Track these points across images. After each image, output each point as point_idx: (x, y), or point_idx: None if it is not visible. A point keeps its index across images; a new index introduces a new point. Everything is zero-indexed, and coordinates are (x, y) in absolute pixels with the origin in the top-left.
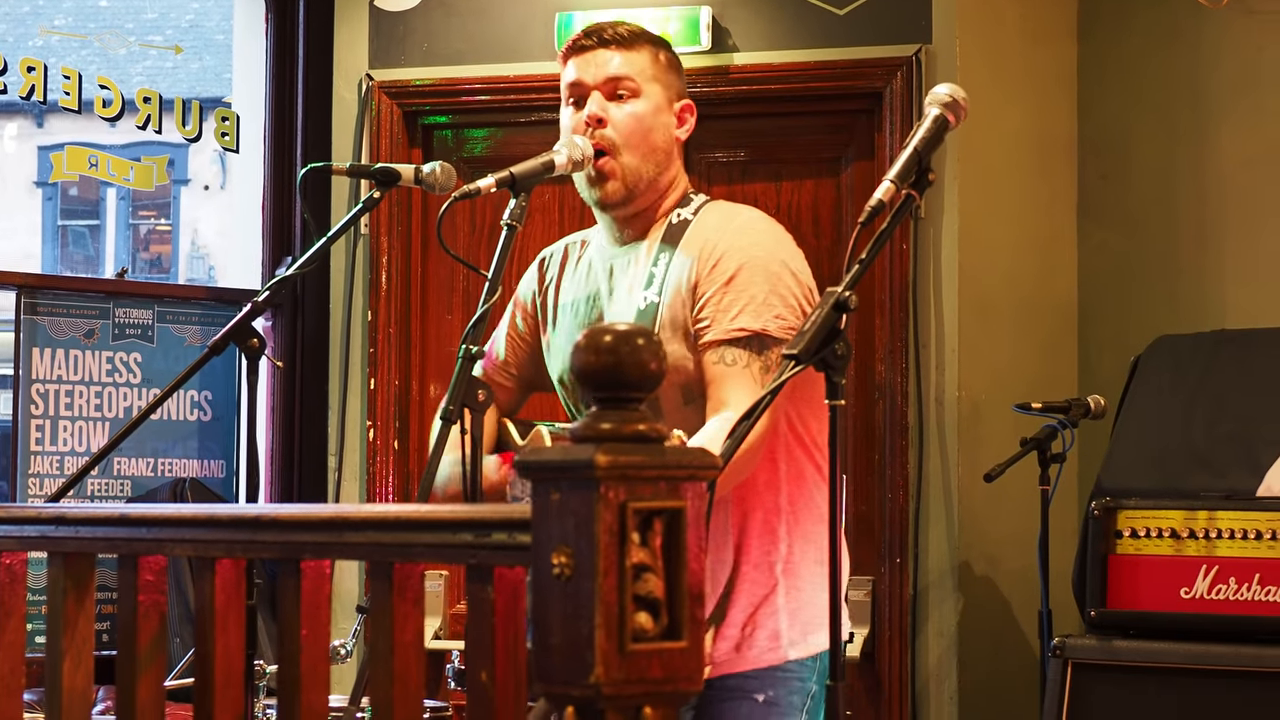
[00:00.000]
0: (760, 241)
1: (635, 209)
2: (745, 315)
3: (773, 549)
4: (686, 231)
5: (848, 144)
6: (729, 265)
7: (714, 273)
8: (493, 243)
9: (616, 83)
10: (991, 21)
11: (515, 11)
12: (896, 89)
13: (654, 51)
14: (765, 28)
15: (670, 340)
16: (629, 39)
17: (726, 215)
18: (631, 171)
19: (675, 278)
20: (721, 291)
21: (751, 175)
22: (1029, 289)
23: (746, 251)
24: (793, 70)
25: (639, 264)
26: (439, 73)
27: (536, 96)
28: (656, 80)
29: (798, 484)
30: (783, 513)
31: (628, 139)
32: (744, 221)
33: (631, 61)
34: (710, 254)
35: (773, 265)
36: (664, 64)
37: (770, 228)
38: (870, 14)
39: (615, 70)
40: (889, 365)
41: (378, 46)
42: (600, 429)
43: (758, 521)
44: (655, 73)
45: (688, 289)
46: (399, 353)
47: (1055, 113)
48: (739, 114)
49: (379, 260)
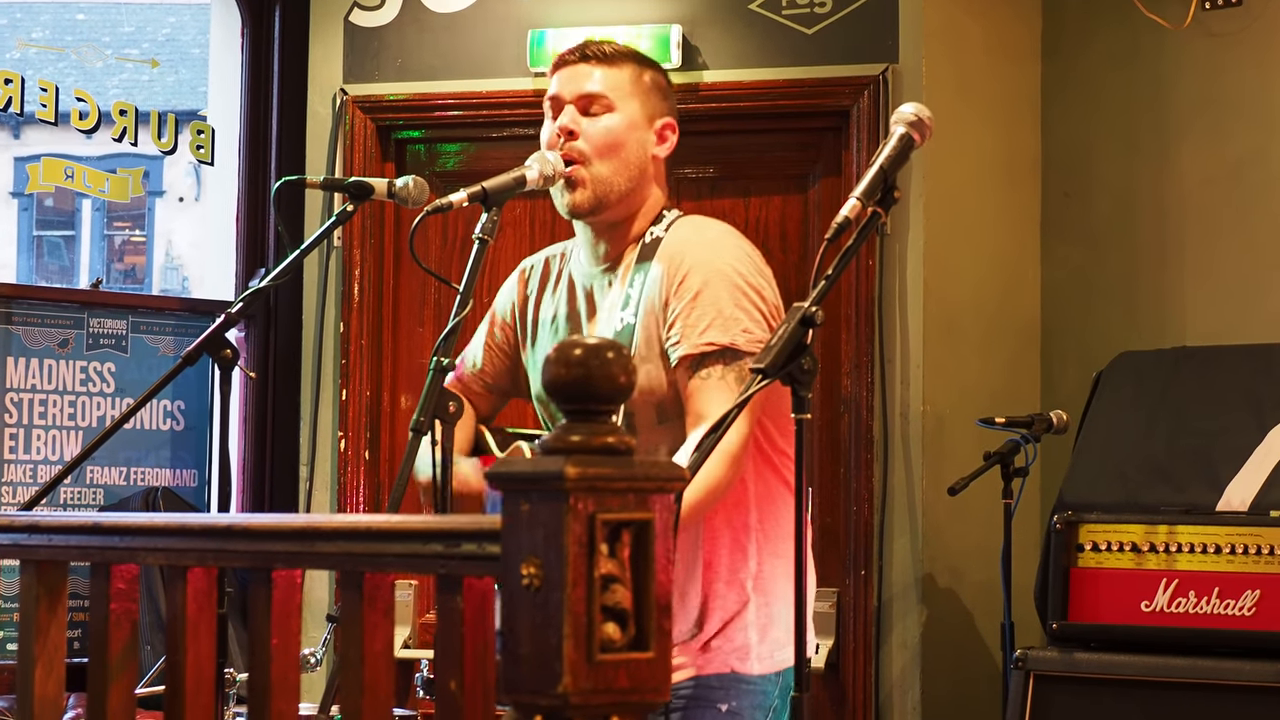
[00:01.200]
0: (725, 256)
1: (606, 220)
2: (713, 329)
3: (742, 566)
4: (658, 249)
5: (815, 161)
6: (695, 280)
7: (681, 289)
8: (464, 256)
9: (591, 99)
10: (957, 41)
11: (487, 28)
12: (864, 107)
13: (637, 70)
14: (735, 46)
15: (645, 360)
16: (612, 56)
17: (694, 230)
18: (601, 181)
19: (648, 297)
20: (689, 307)
21: (720, 191)
22: (993, 305)
23: (712, 266)
24: (761, 88)
25: (616, 285)
26: (412, 88)
27: (508, 112)
28: (634, 97)
29: (767, 502)
30: (752, 531)
31: (597, 150)
32: (711, 236)
33: (609, 78)
34: (677, 270)
35: (738, 279)
36: (646, 83)
37: (737, 243)
38: (838, 34)
39: (590, 87)
40: (855, 379)
41: (352, 61)
42: (569, 441)
43: (728, 539)
44: (634, 90)
45: (659, 306)
46: (370, 364)
47: (1019, 131)
48: (708, 131)
49: (351, 272)
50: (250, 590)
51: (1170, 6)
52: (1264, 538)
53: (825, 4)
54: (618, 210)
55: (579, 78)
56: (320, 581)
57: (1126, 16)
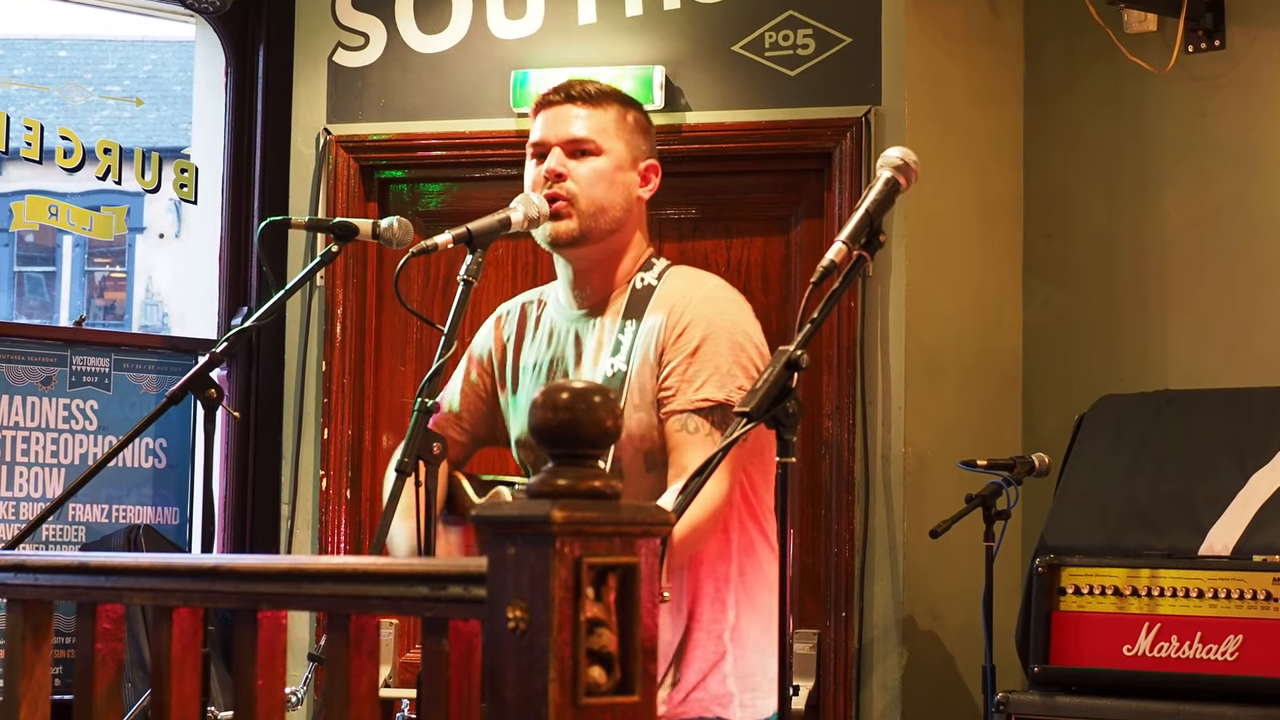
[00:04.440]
0: (725, 311)
1: (591, 255)
2: (709, 386)
3: (721, 617)
4: (652, 298)
5: (798, 202)
6: (694, 335)
7: (679, 342)
8: (447, 297)
9: (578, 143)
10: (940, 84)
11: (471, 69)
12: (846, 149)
13: (622, 111)
14: (718, 88)
15: (638, 408)
16: (596, 97)
17: (692, 282)
18: (588, 215)
19: (643, 346)
20: (687, 361)
21: (702, 232)
22: (975, 347)
23: (711, 321)
24: (744, 129)
25: (605, 330)
26: (396, 128)
27: (491, 152)
28: (620, 138)
29: (749, 554)
30: (733, 582)
31: (585, 190)
32: (709, 290)
33: (595, 120)
34: (676, 323)
35: (737, 336)
36: (631, 124)
37: (734, 298)
38: (821, 76)
39: (578, 131)
40: (836, 421)
41: (336, 101)
42: (556, 485)
43: (709, 590)
44: (619, 131)
45: (655, 357)
46: (352, 403)
47: (1002, 173)
48: (691, 172)
49: (334, 312)
50: (235, 631)
51: (1153, 50)
52: (1247, 582)
53: (808, 46)
54: (603, 246)
55: (565, 120)
56: (301, 619)
57: (1109, 60)
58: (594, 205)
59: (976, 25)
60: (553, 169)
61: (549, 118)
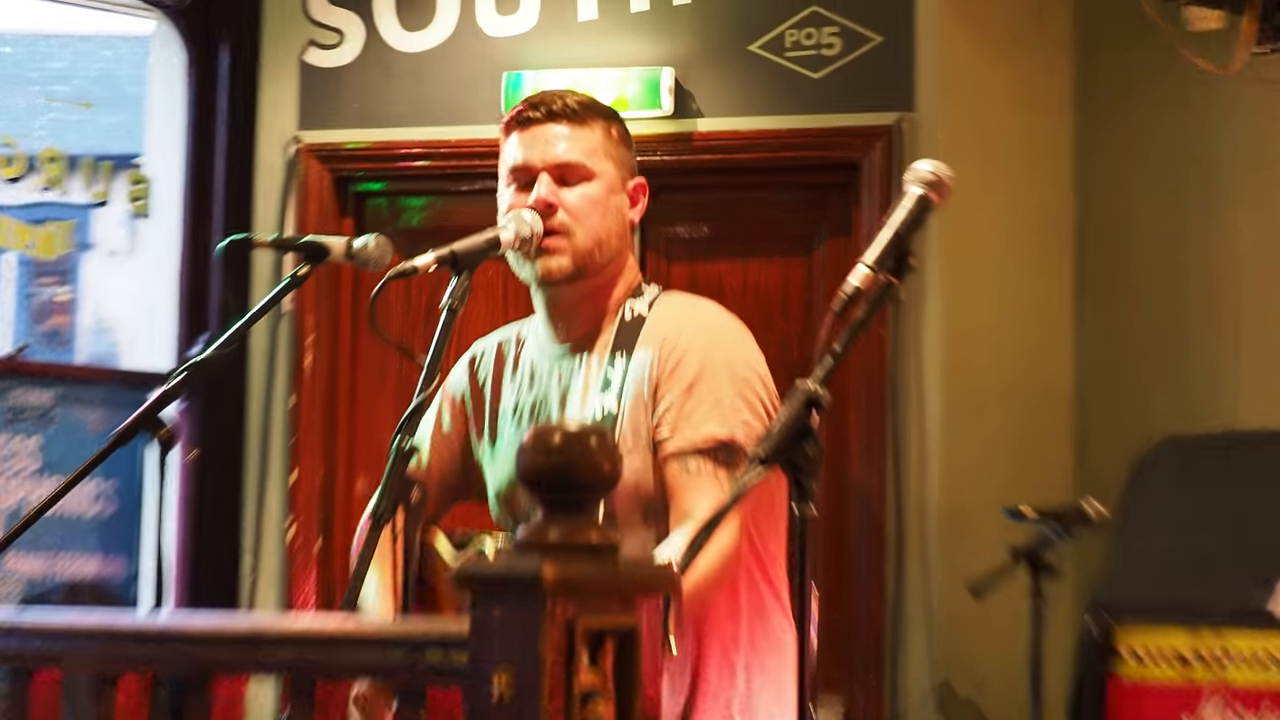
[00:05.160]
0: (723, 340)
1: (581, 291)
2: (711, 422)
3: (730, 684)
4: (643, 329)
5: (821, 219)
6: (690, 368)
7: (675, 375)
8: (429, 324)
9: (567, 168)
10: (979, 88)
11: (458, 70)
12: (875, 160)
13: (606, 126)
14: (732, 92)
15: (632, 451)
16: (580, 113)
17: (685, 310)
18: (583, 251)
19: (634, 382)
20: (684, 397)
21: (715, 252)
22: (1020, 381)
23: (709, 352)
24: (762, 138)
25: (592, 367)
26: (374, 135)
27: (480, 163)
28: (609, 158)
29: (758, 615)
30: (741, 645)
31: (580, 220)
32: (705, 318)
33: (583, 141)
34: (670, 354)
35: (738, 367)
36: (616, 139)
37: (732, 325)
38: (848, 79)
39: (566, 155)
40: (864, 465)
41: (307, 105)
42: (547, 537)
43: (715, 654)
44: (608, 149)
45: (648, 393)
46: (324, 443)
47: (1049, 187)
48: (702, 185)
49: (303, 341)
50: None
51: (1218, 50)
52: None
53: (833, 46)
54: (596, 280)
55: (550, 141)
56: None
57: (1169, 62)
58: (591, 237)
59: (1020, 24)
60: (544, 199)
61: (529, 139)
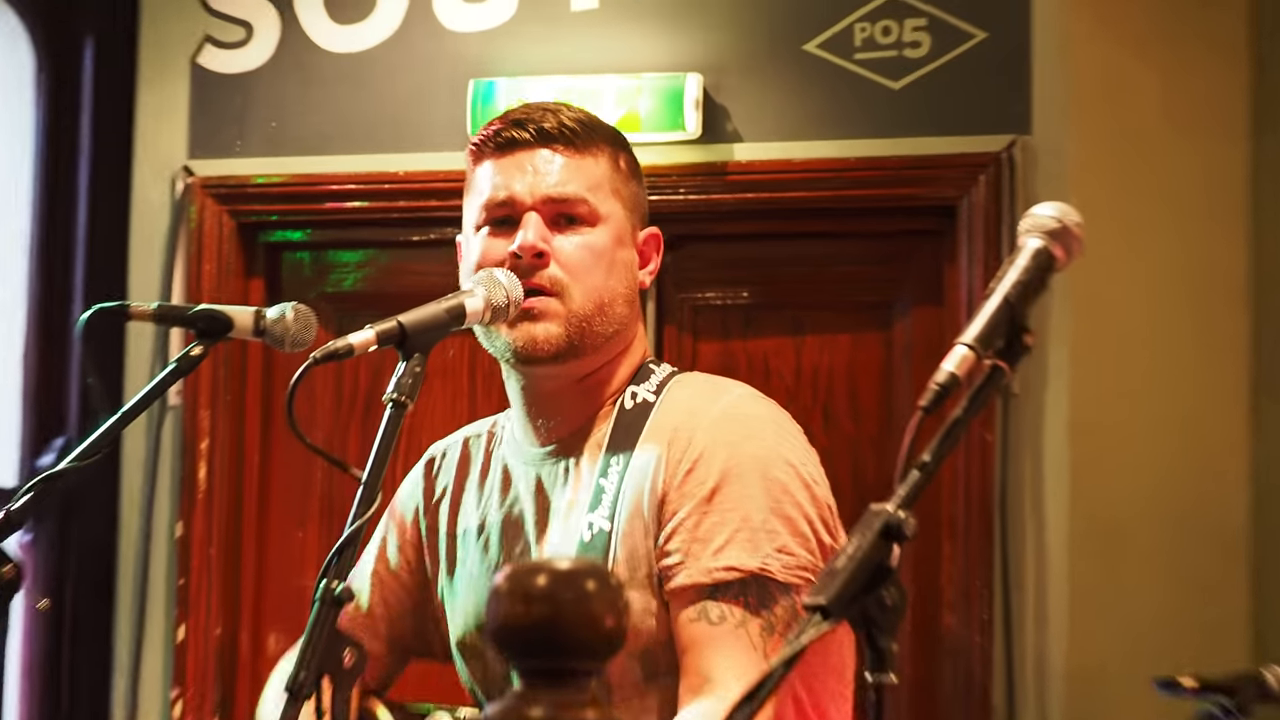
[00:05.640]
0: (755, 433)
1: (572, 375)
2: (735, 548)
3: None
4: (648, 420)
5: (903, 282)
6: (710, 472)
7: (688, 483)
8: (370, 424)
9: (565, 205)
10: (1122, 103)
11: (408, 77)
12: (977, 201)
13: (614, 155)
14: (781, 106)
15: (628, 586)
16: (581, 134)
17: (704, 394)
18: (579, 317)
19: (633, 492)
20: (700, 512)
21: (759, 326)
22: (1178, 504)
23: (735, 450)
24: (822, 171)
25: (582, 474)
26: (293, 166)
27: (438, 204)
28: (618, 197)
29: None
30: None
31: (578, 277)
32: (729, 405)
33: (585, 171)
34: (682, 455)
35: (774, 470)
36: (625, 174)
37: (768, 412)
38: (940, 90)
39: (563, 187)
40: (962, 616)
41: (202, 124)
42: (529, 718)
43: None
44: (616, 186)
45: (651, 508)
46: (223, 587)
47: (1216, 237)
48: (742, 234)
49: (196, 446)
50: None
51: None
52: None
53: (920, 45)
54: (592, 359)
55: (540, 170)
56: None
57: None
58: (590, 300)
59: (1176, 19)
60: (532, 244)
61: (510, 166)
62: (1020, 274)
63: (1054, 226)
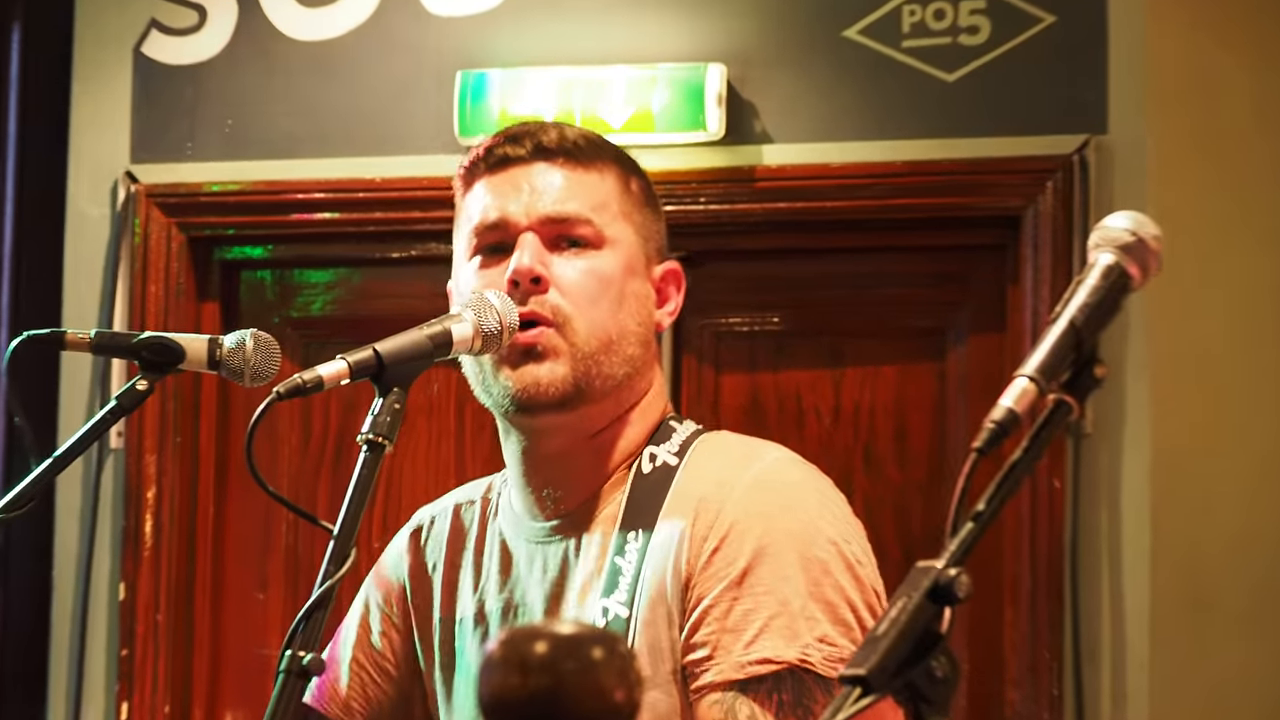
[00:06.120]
0: (792, 506)
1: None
2: (770, 638)
3: None
4: (670, 488)
5: (958, 305)
6: (741, 551)
7: (716, 563)
8: (342, 469)
9: (566, 225)
10: (1207, 103)
11: (386, 69)
12: (1045, 211)
13: (623, 177)
14: (817, 103)
15: (650, 683)
16: (585, 149)
17: (733, 461)
18: (585, 354)
19: (655, 574)
20: (730, 598)
21: (791, 356)
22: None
23: (769, 526)
24: (864, 177)
25: (593, 553)
26: (253, 171)
27: (421, 215)
28: (628, 221)
29: None
30: None
31: (582, 306)
32: (763, 472)
33: (589, 189)
34: (709, 530)
35: (816, 548)
36: (638, 198)
37: (809, 480)
38: (1001, 83)
39: (562, 205)
40: (1028, 692)
41: (147, 124)
42: None
43: None
44: (626, 208)
45: (674, 592)
46: (173, 659)
47: None
48: (770, 250)
49: (142, 496)
50: None
51: None
52: None
53: (978, 30)
54: (600, 407)
55: (538, 187)
56: None
57: None
58: (596, 334)
59: (1269, 5)
60: (527, 268)
61: (504, 183)
62: (1089, 295)
63: (1128, 240)
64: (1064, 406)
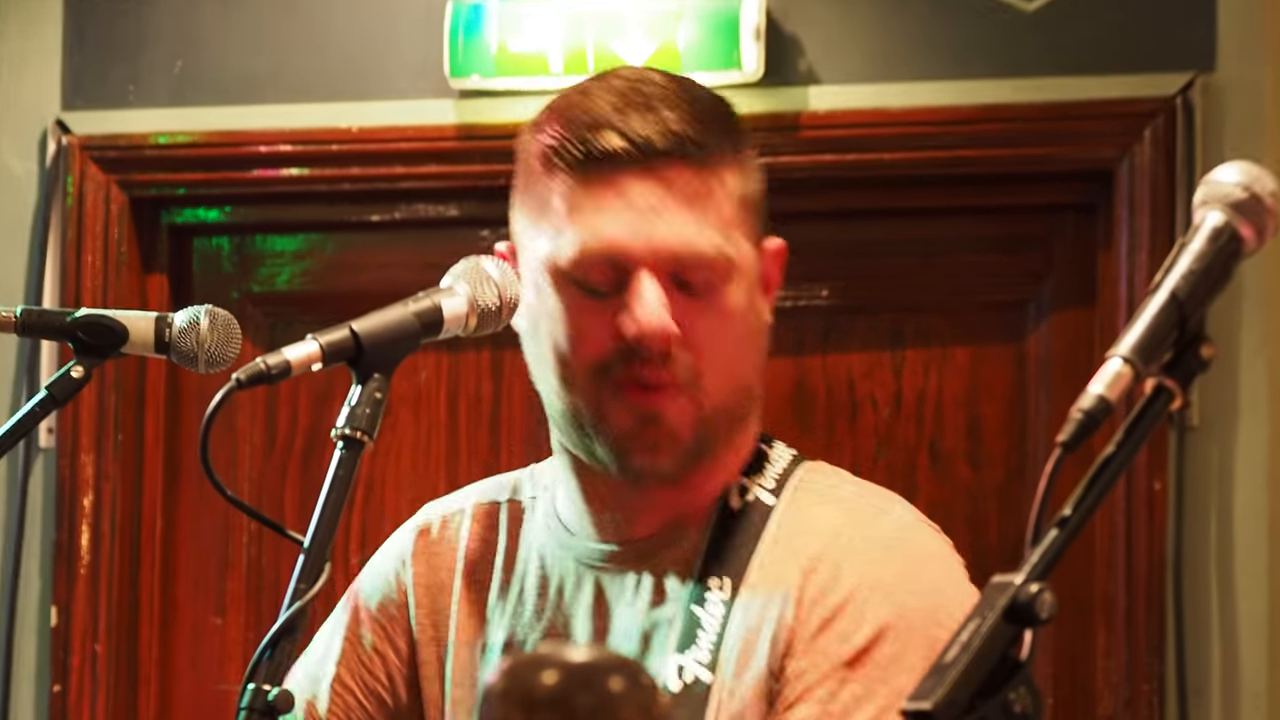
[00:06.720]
0: (920, 577)
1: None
2: None
3: None
4: (765, 531)
5: (1044, 275)
6: (859, 625)
7: (827, 636)
8: (313, 470)
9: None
10: None
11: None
12: (1142, 162)
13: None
14: (871, 37)
15: None
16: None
17: (851, 509)
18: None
19: (746, 635)
20: (839, 677)
21: (842, 336)
22: None
23: (894, 600)
24: (928, 124)
25: (662, 592)
26: (207, 119)
27: (405, 171)
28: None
29: None
30: None
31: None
32: (892, 532)
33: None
34: (821, 594)
35: (940, 630)
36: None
37: (939, 548)
38: (1090, 12)
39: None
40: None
41: (82, 65)
42: None
43: None
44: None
45: (771, 657)
46: (115, 695)
47: None
48: (817, 211)
49: (78, 503)
50: None
51: None
52: None
53: None
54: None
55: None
56: None
57: None
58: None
59: None
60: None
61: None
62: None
63: (1241, 197)
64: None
